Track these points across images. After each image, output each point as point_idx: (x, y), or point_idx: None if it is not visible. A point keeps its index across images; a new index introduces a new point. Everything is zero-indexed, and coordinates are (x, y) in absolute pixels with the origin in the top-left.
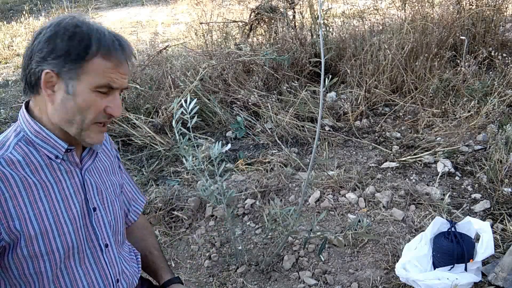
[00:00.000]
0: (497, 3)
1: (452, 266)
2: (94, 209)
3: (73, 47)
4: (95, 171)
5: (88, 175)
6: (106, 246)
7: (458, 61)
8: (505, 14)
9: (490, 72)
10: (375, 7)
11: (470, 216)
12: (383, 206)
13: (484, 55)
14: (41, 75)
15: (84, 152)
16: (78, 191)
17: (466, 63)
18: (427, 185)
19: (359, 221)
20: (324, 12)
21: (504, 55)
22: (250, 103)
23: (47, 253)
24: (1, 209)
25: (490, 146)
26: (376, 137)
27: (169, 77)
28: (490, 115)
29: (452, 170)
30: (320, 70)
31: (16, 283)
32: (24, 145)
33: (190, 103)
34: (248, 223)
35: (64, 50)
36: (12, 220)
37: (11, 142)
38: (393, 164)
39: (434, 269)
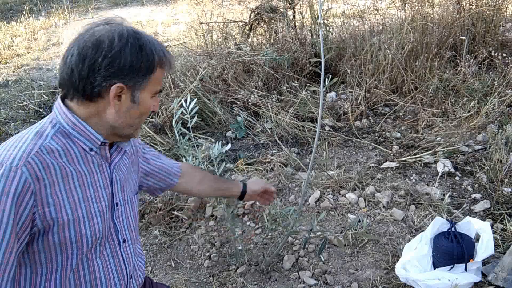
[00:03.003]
0: (497, 3)
1: (452, 266)
2: (117, 204)
3: (143, 62)
4: (121, 167)
5: (115, 171)
6: (124, 241)
7: (458, 61)
8: (505, 14)
9: (490, 72)
10: (375, 7)
11: (470, 216)
12: (383, 206)
13: (484, 55)
14: (111, 89)
15: (112, 148)
16: (107, 184)
17: (466, 63)
18: (427, 185)
19: (359, 221)
20: (324, 12)
21: (504, 55)
22: (250, 103)
23: (76, 241)
24: (40, 195)
25: (490, 146)
26: (376, 137)
27: (169, 77)
28: (490, 115)
29: (452, 170)
30: (320, 70)
31: (39, 268)
32: (61, 137)
33: (190, 103)
34: (248, 223)
35: (136, 66)
36: (48, 207)
37: (48, 132)
38: (393, 164)
39: (434, 269)
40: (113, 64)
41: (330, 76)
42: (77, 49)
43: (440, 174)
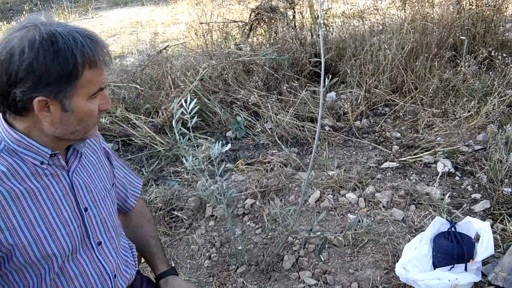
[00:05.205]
0: (497, 3)
1: (452, 266)
2: (86, 209)
3: (62, 69)
4: (83, 170)
5: (76, 176)
6: (99, 244)
7: (458, 61)
8: (505, 14)
9: (490, 72)
10: (375, 7)
11: (470, 216)
12: (383, 206)
13: (484, 55)
14: (33, 103)
15: (69, 153)
16: (67, 193)
17: (466, 63)
18: (427, 185)
19: (359, 221)
20: (324, 12)
21: (504, 55)
22: (250, 103)
23: (43, 258)
24: None
25: (490, 146)
26: (376, 137)
27: (169, 77)
28: (490, 115)
29: (452, 170)
30: (320, 70)
31: (15, 285)
32: (7, 156)
33: (190, 103)
34: (248, 223)
35: (54, 76)
36: (2, 233)
37: None
38: (393, 164)
39: (434, 269)
40: (28, 78)
41: (330, 76)
42: None
43: (440, 174)
